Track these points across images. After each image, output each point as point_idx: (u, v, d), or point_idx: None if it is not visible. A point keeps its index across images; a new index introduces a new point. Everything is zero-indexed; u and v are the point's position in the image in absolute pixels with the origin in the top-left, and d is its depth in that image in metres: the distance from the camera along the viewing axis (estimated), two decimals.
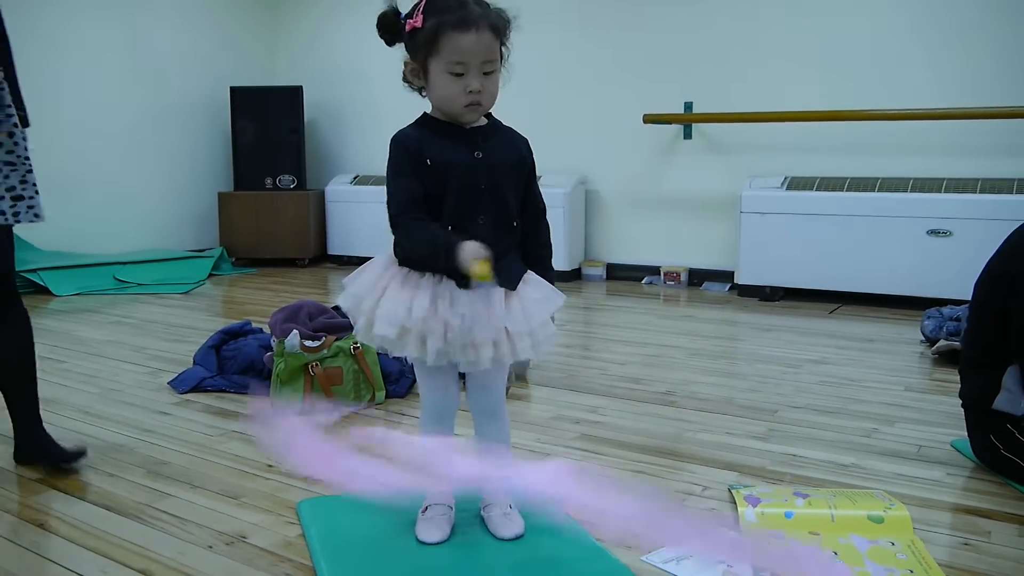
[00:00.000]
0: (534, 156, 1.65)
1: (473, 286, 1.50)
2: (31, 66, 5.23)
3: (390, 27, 1.56)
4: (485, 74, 1.50)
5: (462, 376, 1.67)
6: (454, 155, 1.53)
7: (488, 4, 1.52)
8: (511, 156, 1.60)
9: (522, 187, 1.63)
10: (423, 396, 1.68)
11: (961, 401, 2.13)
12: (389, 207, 1.54)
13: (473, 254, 1.41)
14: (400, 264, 1.56)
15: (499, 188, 1.56)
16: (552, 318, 1.63)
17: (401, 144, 1.55)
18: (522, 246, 1.64)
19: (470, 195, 1.53)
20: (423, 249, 1.50)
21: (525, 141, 1.65)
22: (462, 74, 1.49)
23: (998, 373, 1.98)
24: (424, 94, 1.58)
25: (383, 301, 1.52)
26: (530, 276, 1.61)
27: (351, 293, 1.57)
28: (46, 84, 5.34)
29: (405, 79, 1.57)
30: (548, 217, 1.71)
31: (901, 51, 4.51)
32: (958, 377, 2.16)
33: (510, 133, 1.64)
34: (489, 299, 1.52)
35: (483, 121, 1.60)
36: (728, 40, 4.98)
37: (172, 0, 6.07)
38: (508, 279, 1.55)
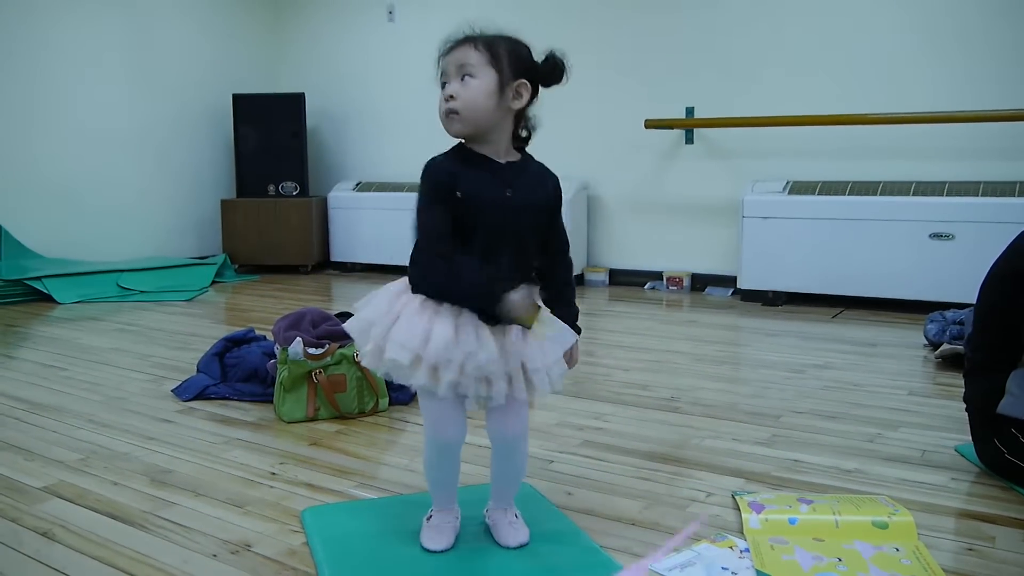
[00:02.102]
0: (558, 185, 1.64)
1: (509, 328, 1.51)
2: (34, 73, 5.27)
3: None
4: (462, 80, 1.51)
5: None
6: (485, 190, 1.52)
7: (495, 34, 1.54)
8: (540, 197, 1.59)
9: (545, 227, 1.62)
10: (428, 428, 1.63)
11: (965, 405, 2.13)
12: (417, 239, 1.53)
13: (524, 305, 1.41)
14: (416, 292, 1.54)
15: (525, 228, 1.55)
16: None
17: (433, 175, 1.52)
18: (545, 283, 1.63)
19: (496, 232, 1.52)
20: (462, 289, 1.48)
21: (555, 179, 1.63)
22: (444, 84, 1.53)
23: (1003, 376, 1.98)
24: None
25: (397, 326, 1.50)
26: (544, 314, 1.59)
27: (362, 317, 1.56)
28: (49, 91, 5.36)
29: None
30: None
31: (902, 55, 4.52)
32: (962, 381, 2.16)
33: (541, 170, 1.62)
34: (507, 334, 1.52)
35: (516, 156, 1.58)
36: (729, 45, 4.98)
37: (175, 8, 6.10)
38: None
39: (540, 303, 1.45)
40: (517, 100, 1.54)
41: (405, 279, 1.58)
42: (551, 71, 1.55)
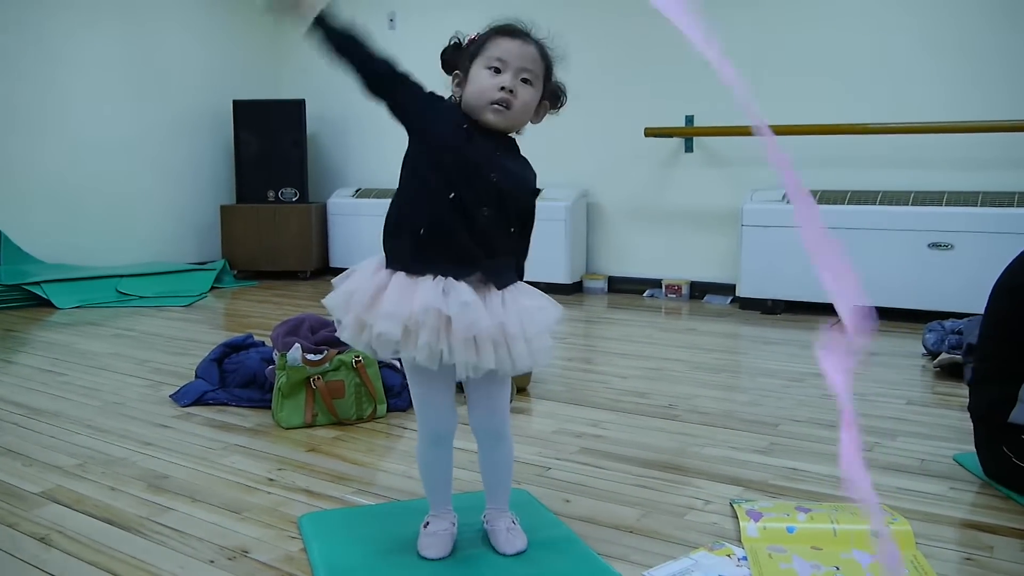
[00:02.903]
0: (536, 177, 1.64)
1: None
2: (35, 79, 5.27)
3: (450, 54, 1.60)
4: (522, 81, 1.52)
5: (459, 390, 1.65)
6: (478, 140, 1.53)
7: (544, 41, 1.58)
8: (527, 176, 1.61)
9: (524, 208, 1.62)
10: (420, 417, 1.65)
11: (970, 414, 2.12)
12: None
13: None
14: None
15: (508, 192, 1.55)
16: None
17: (435, 93, 1.57)
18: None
19: (481, 181, 1.51)
20: None
21: (535, 174, 1.64)
22: (499, 71, 1.52)
23: (1013, 385, 1.97)
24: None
25: (384, 298, 1.48)
26: (524, 287, 1.60)
27: (342, 290, 1.54)
28: (50, 97, 5.36)
29: (453, 96, 1.60)
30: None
31: (903, 65, 4.53)
32: (961, 390, 2.16)
33: (523, 159, 1.63)
34: (488, 299, 1.51)
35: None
36: (729, 53, 4.98)
37: (175, 14, 6.11)
38: (498, 278, 1.54)
39: None
40: (536, 117, 1.60)
41: (378, 256, 1.58)
42: (558, 98, 1.62)
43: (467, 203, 1.50)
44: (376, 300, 1.49)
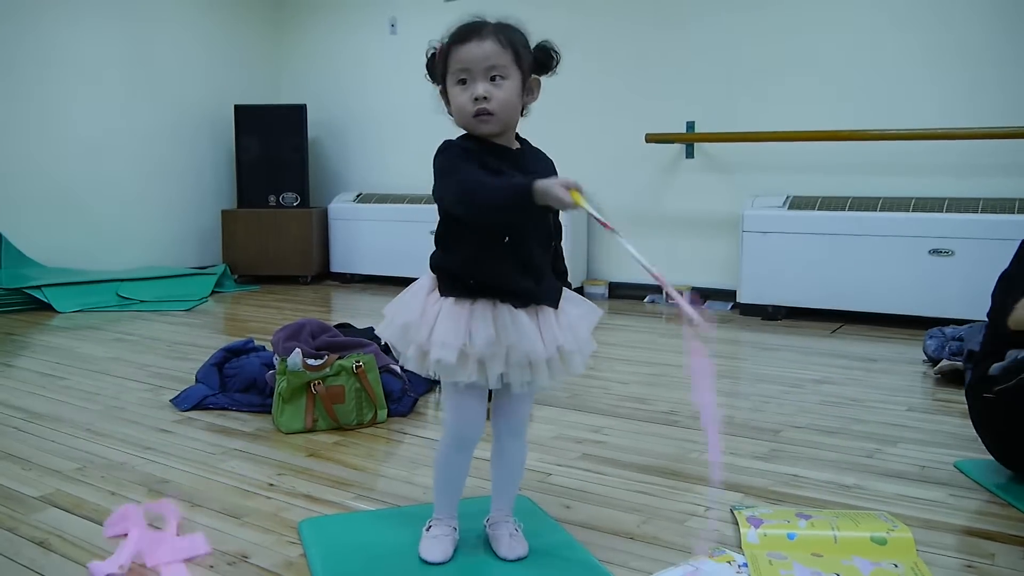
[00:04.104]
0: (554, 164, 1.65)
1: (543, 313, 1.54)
2: (34, 82, 5.28)
3: (430, 66, 1.58)
4: (492, 81, 1.50)
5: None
6: (506, 168, 1.52)
7: (503, 22, 1.53)
8: (552, 170, 1.61)
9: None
10: (450, 422, 1.64)
11: (967, 399, 2.15)
12: (446, 186, 1.48)
13: (564, 184, 1.37)
14: (470, 221, 1.50)
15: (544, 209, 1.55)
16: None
17: (457, 146, 1.53)
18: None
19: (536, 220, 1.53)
20: (500, 197, 1.42)
21: (550, 159, 1.65)
22: (466, 81, 1.50)
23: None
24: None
25: (438, 326, 1.49)
26: (568, 294, 1.62)
27: (397, 324, 1.55)
28: (49, 101, 5.37)
29: (448, 113, 1.57)
30: None
31: (903, 71, 4.53)
32: (961, 397, 2.16)
33: (540, 153, 1.64)
34: (542, 319, 1.54)
35: (516, 145, 1.59)
36: (730, 60, 5.00)
37: (176, 18, 6.12)
38: (552, 298, 1.57)
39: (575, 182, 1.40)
40: (530, 96, 1.57)
41: (428, 276, 1.58)
42: (547, 61, 1.57)
43: (518, 240, 1.52)
44: (429, 328, 1.51)
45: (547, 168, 1.60)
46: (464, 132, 1.57)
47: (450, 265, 1.55)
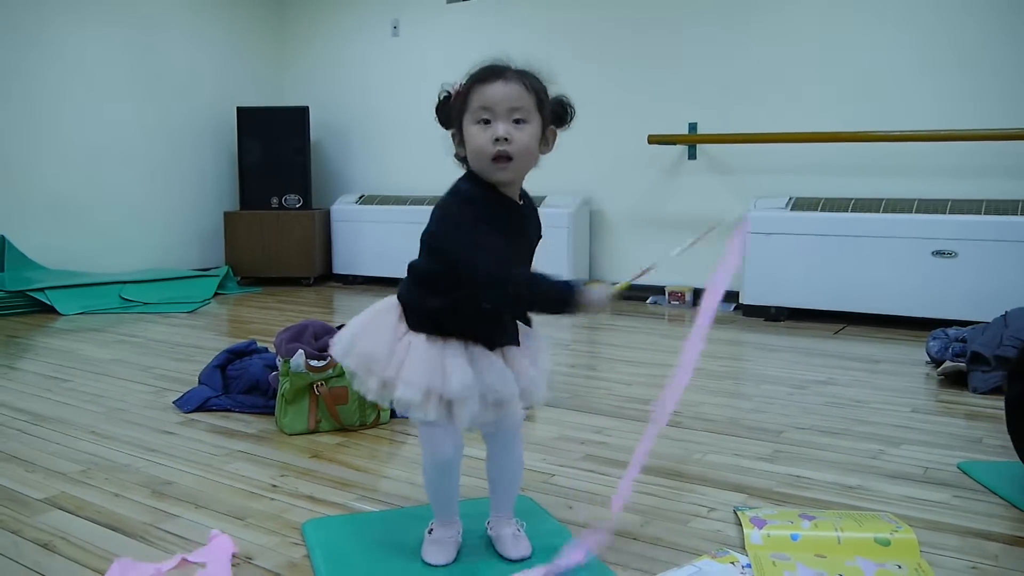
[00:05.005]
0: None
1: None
2: (39, 86, 5.29)
3: (442, 108, 1.54)
4: (516, 124, 1.47)
5: None
6: (511, 235, 1.52)
7: (526, 69, 1.51)
8: (536, 236, 1.62)
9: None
10: (426, 448, 1.62)
11: (1007, 415, 2.10)
12: (476, 266, 1.44)
13: (604, 298, 1.43)
14: (491, 301, 1.50)
15: (525, 261, 1.59)
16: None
17: (472, 199, 1.49)
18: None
19: (518, 269, 1.52)
20: (548, 304, 1.46)
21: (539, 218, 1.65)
22: (489, 121, 1.46)
23: None
24: (468, 163, 1.53)
25: (408, 363, 1.48)
26: (528, 332, 1.64)
27: (361, 352, 1.53)
28: (54, 104, 5.39)
29: (456, 155, 1.55)
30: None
31: (906, 73, 4.53)
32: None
33: (536, 212, 1.63)
34: (509, 357, 1.56)
35: (518, 198, 1.57)
36: (733, 61, 5.00)
37: (179, 20, 6.13)
38: (515, 336, 1.60)
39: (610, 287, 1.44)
40: (545, 147, 1.55)
41: (391, 299, 1.57)
42: (563, 115, 1.57)
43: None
44: (398, 364, 1.49)
45: (537, 228, 1.61)
46: (467, 173, 1.54)
47: (424, 305, 1.53)
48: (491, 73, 1.48)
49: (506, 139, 1.45)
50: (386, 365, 1.50)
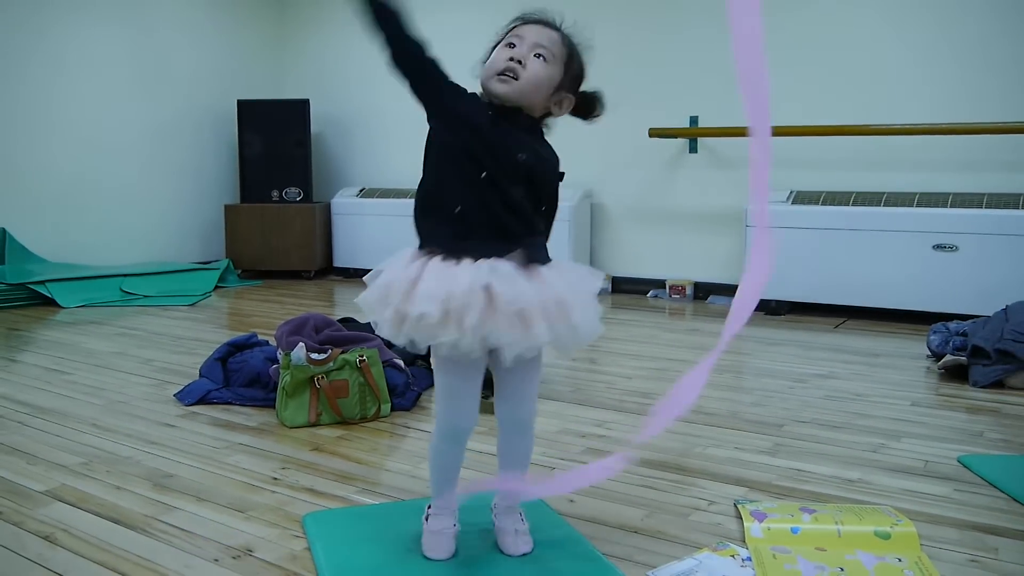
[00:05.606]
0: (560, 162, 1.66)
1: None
2: (39, 78, 5.28)
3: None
4: (535, 56, 1.50)
5: (488, 388, 1.61)
6: (503, 123, 1.52)
7: (574, 36, 1.57)
8: (552, 158, 1.62)
9: (551, 190, 1.63)
10: (440, 412, 1.61)
11: None
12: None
13: None
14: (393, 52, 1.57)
15: (536, 171, 1.55)
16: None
17: (459, 84, 1.54)
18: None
19: (509, 160, 1.51)
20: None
21: (558, 159, 1.65)
22: (513, 45, 1.51)
23: None
24: None
25: (423, 281, 1.44)
26: (563, 262, 1.58)
27: (380, 282, 1.51)
28: (55, 97, 5.38)
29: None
30: (553, 231, 1.71)
31: (907, 66, 4.52)
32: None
33: (549, 144, 1.64)
34: (533, 275, 1.48)
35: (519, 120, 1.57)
36: (733, 54, 4.98)
37: (180, 14, 6.12)
38: (539, 255, 1.53)
39: None
40: (557, 108, 1.58)
41: (412, 247, 1.55)
42: (592, 106, 1.62)
43: (499, 181, 1.49)
44: (414, 286, 1.45)
45: (542, 150, 1.59)
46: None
47: (432, 199, 1.55)
48: (536, 18, 1.54)
49: (520, 62, 1.49)
50: (400, 288, 1.46)
